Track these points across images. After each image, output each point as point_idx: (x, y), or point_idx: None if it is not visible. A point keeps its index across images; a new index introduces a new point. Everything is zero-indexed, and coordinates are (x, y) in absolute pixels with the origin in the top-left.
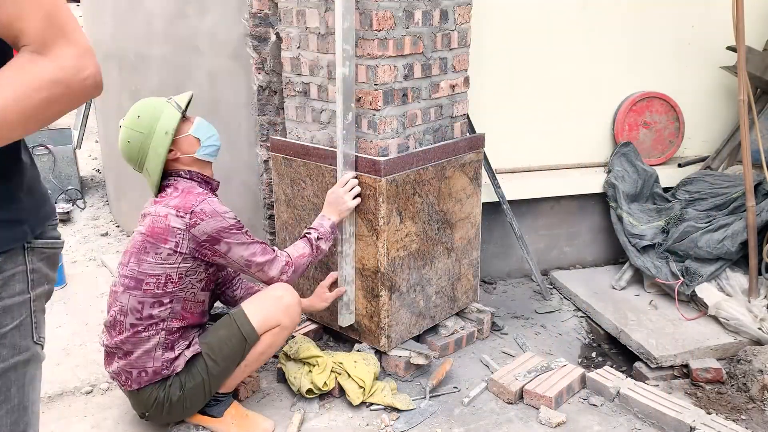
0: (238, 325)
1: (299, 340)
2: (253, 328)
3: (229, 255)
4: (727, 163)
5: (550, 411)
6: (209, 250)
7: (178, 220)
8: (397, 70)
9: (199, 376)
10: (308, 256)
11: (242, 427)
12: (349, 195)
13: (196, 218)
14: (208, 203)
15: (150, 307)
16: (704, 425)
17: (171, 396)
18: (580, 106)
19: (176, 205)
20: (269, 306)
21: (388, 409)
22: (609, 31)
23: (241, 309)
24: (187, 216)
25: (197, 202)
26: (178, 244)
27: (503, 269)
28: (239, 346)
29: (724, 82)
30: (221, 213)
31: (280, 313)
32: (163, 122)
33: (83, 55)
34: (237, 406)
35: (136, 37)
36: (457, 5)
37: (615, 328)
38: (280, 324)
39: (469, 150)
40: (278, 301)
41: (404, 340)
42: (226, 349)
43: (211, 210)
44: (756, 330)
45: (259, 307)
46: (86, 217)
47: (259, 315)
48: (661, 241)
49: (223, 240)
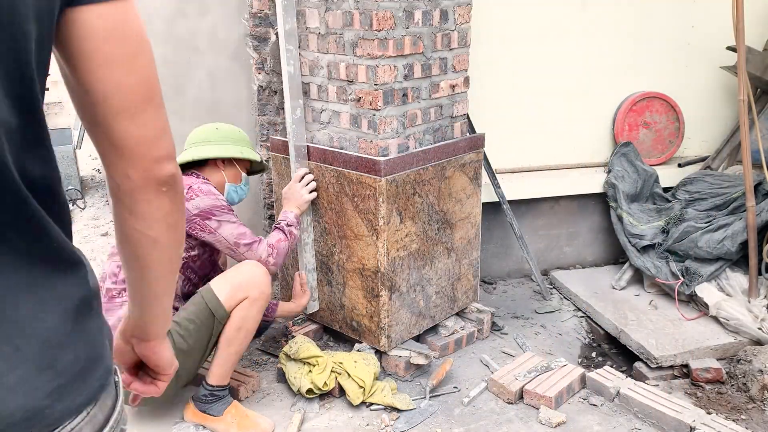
0: (205, 300)
1: (299, 341)
2: (220, 302)
3: (219, 231)
4: (727, 163)
5: (550, 411)
6: (199, 225)
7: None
8: (397, 70)
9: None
10: (285, 240)
11: (242, 427)
12: (305, 189)
13: (192, 193)
14: (206, 184)
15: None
16: (704, 425)
17: None
18: (580, 106)
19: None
20: (236, 279)
21: (388, 409)
22: (609, 31)
23: (209, 285)
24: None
25: (195, 183)
26: None
27: (503, 269)
28: (207, 321)
29: (724, 82)
30: (216, 194)
31: (247, 284)
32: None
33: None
34: (237, 406)
35: None
36: (457, 5)
37: (615, 328)
38: (249, 296)
39: (469, 150)
40: (245, 273)
41: (404, 340)
42: (194, 325)
43: (207, 189)
44: (756, 330)
45: (225, 282)
46: (86, 217)
47: (225, 288)
48: (661, 241)
49: (214, 217)
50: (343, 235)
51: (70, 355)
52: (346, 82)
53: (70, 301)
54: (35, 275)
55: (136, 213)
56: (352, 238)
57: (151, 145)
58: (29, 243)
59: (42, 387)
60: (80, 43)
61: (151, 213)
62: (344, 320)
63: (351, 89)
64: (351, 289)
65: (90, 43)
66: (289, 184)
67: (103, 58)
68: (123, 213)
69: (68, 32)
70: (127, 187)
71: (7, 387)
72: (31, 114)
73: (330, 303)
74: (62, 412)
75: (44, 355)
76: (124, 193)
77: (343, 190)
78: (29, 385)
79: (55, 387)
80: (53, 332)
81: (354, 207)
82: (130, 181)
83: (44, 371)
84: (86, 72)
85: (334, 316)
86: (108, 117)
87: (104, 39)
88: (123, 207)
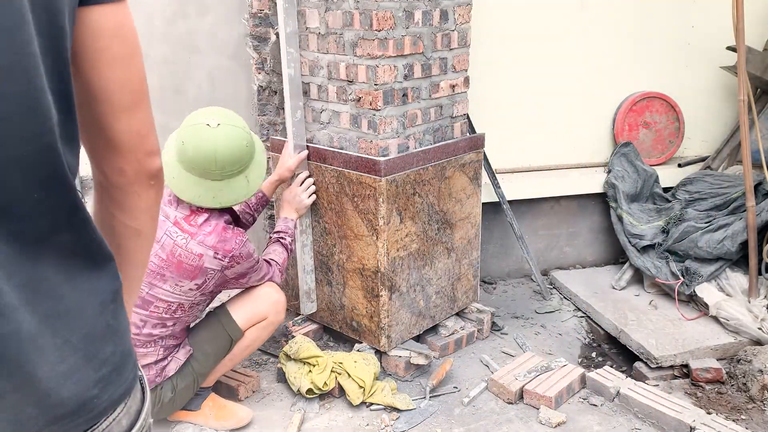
0: (223, 324)
1: (299, 340)
2: (238, 327)
3: (247, 283)
4: (727, 163)
5: (550, 411)
6: (232, 284)
7: (215, 262)
8: (397, 70)
9: (190, 377)
10: (287, 258)
11: (220, 417)
12: (306, 194)
13: (234, 262)
14: (245, 246)
15: (151, 327)
16: (704, 425)
17: (163, 398)
18: (580, 106)
19: (215, 246)
20: (256, 302)
21: (388, 409)
22: (609, 31)
23: (226, 308)
24: (226, 260)
25: (237, 246)
26: (206, 282)
27: (503, 269)
28: (225, 344)
29: (724, 82)
30: (253, 254)
31: (267, 307)
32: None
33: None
34: (214, 398)
35: None
36: (457, 5)
37: (615, 328)
38: (267, 318)
39: (469, 150)
40: (267, 297)
41: (404, 340)
42: (213, 348)
43: (247, 253)
44: (756, 330)
45: (244, 305)
46: None
47: (244, 312)
48: (661, 241)
49: (248, 275)
50: (343, 235)
51: (110, 346)
52: (346, 82)
53: (105, 294)
54: (78, 268)
55: (124, 206)
56: (352, 238)
57: (144, 140)
58: (74, 236)
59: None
60: (88, 41)
61: (139, 206)
62: (344, 320)
63: (351, 89)
64: (351, 289)
65: (98, 42)
66: (290, 188)
67: (109, 57)
68: (110, 208)
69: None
70: (119, 182)
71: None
72: (69, 110)
73: (330, 303)
74: (107, 402)
75: (89, 347)
76: (115, 187)
77: (343, 190)
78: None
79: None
80: (94, 325)
81: (354, 207)
82: (123, 175)
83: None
84: (91, 70)
85: (334, 316)
86: (108, 114)
87: (110, 38)
88: (111, 201)
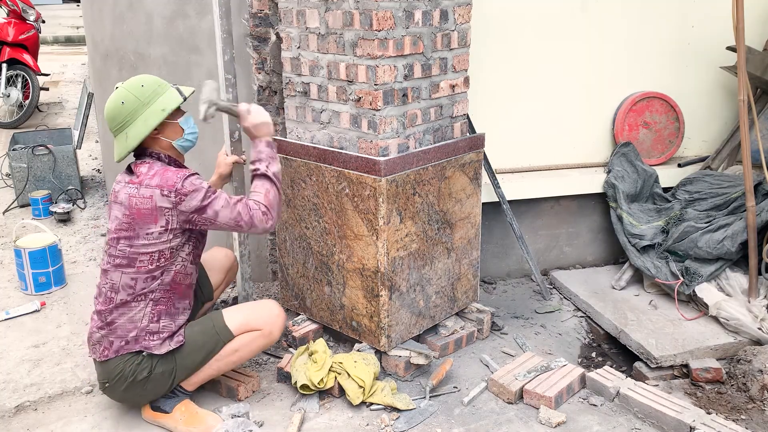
0: (214, 323)
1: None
2: (228, 328)
3: (218, 220)
4: (727, 163)
5: (550, 411)
6: (199, 220)
7: (164, 200)
8: (397, 70)
9: (170, 364)
10: (272, 188)
11: (189, 423)
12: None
13: (181, 195)
14: (189, 180)
15: (143, 282)
16: (704, 425)
17: (137, 374)
18: (580, 106)
19: (159, 185)
20: (254, 311)
21: (388, 408)
22: (609, 31)
23: (221, 310)
24: (172, 194)
25: (179, 179)
26: (169, 222)
27: (503, 269)
28: (212, 342)
29: (724, 82)
30: (201, 185)
31: (265, 319)
32: (164, 100)
33: None
34: (188, 403)
35: (136, 37)
36: (457, 5)
37: (615, 328)
38: (263, 329)
39: (469, 150)
40: (266, 309)
41: (404, 340)
42: (199, 343)
43: (191, 185)
44: (756, 330)
45: (240, 311)
46: (86, 217)
47: (238, 316)
48: (661, 241)
49: (209, 207)
50: (343, 235)
51: None
52: (346, 82)
53: None
54: None
55: None
56: (352, 238)
57: None
58: None
59: None
60: None
61: None
62: (344, 320)
63: (351, 89)
64: (351, 289)
65: None
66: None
67: None
68: None
69: None
70: None
71: None
72: None
73: (330, 303)
74: None
75: None
76: None
77: (343, 190)
78: None
79: None
80: None
81: (354, 207)
82: None
83: None
84: None
85: (334, 316)
86: None
87: None
88: None
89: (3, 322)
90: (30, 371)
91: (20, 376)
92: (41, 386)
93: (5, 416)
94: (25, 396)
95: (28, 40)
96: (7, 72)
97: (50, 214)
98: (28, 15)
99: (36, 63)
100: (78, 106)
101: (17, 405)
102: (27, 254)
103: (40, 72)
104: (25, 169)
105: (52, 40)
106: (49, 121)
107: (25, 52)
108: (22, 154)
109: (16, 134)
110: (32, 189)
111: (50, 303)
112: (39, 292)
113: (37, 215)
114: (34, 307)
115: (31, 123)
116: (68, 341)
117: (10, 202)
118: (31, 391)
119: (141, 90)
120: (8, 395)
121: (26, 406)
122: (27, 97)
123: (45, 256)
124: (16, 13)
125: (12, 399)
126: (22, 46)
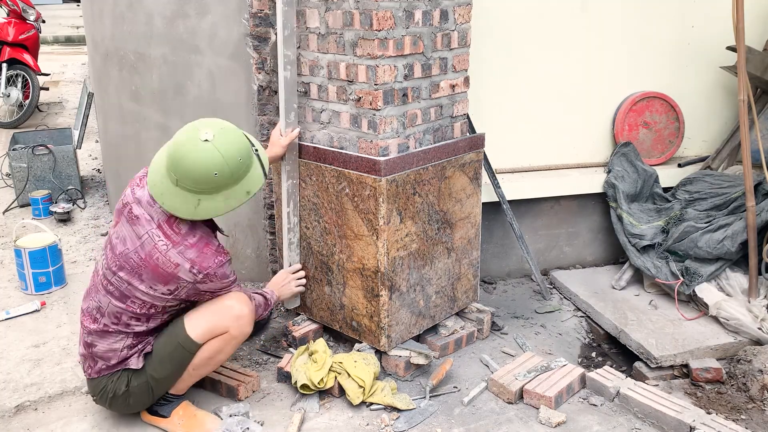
0: (176, 333)
1: (320, 342)
2: (190, 338)
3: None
4: (727, 163)
5: (550, 411)
6: (207, 297)
7: (189, 275)
8: (397, 70)
9: (144, 377)
10: (263, 307)
11: (187, 427)
12: (295, 282)
13: (207, 280)
14: (222, 268)
15: (128, 319)
16: (704, 425)
17: (116, 389)
18: (580, 106)
19: (192, 260)
20: (215, 316)
21: (388, 408)
22: (609, 31)
23: (182, 320)
24: (200, 275)
25: (214, 265)
26: (178, 290)
27: (503, 269)
28: (178, 353)
29: (724, 82)
30: (229, 276)
31: (228, 321)
32: (251, 178)
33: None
34: (186, 406)
35: (136, 37)
36: (457, 5)
37: (615, 327)
38: (228, 332)
39: (469, 150)
40: (228, 310)
41: (404, 340)
42: (165, 354)
43: (222, 274)
44: (756, 330)
45: (202, 317)
46: (86, 217)
47: (200, 324)
48: (661, 241)
49: (219, 292)
50: (343, 234)
51: None
52: (346, 82)
53: None
54: None
55: None
56: (352, 237)
57: None
58: None
59: None
60: None
61: None
62: (344, 320)
63: (351, 89)
64: (351, 289)
65: None
66: (282, 272)
67: None
68: None
69: None
70: None
71: None
72: None
73: (330, 303)
74: None
75: None
76: None
77: (343, 190)
78: None
79: None
80: None
81: (354, 207)
82: None
83: None
84: None
85: (334, 316)
86: None
87: None
88: None
89: (3, 321)
90: (30, 371)
91: (20, 376)
92: (41, 386)
93: (5, 416)
94: (26, 396)
95: (28, 40)
96: (7, 72)
97: (50, 214)
98: (29, 15)
99: (36, 63)
100: (78, 106)
101: (17, 405)
102: (27, 254)
103: (40, 72)
104: (25, 168)
105: (52, 39)
106: (49, 121)
107: (25, 51)
108: (22, 154)
109: (16, 134)
110: (32, 189)
111: (50, 303)
112: (39, 292)
113: (37, 215)
114: (35, 307)
115: (31, 123)
116: (68, 341)
117: (10, 202)
118: (32, 391)
119: (238, 165)
120: (8, 395)
121: (26, 405)
122: (27, 96)
123: (45, 255)
124: (16, 13)
125: (12, 399)
126: (22, 46)
